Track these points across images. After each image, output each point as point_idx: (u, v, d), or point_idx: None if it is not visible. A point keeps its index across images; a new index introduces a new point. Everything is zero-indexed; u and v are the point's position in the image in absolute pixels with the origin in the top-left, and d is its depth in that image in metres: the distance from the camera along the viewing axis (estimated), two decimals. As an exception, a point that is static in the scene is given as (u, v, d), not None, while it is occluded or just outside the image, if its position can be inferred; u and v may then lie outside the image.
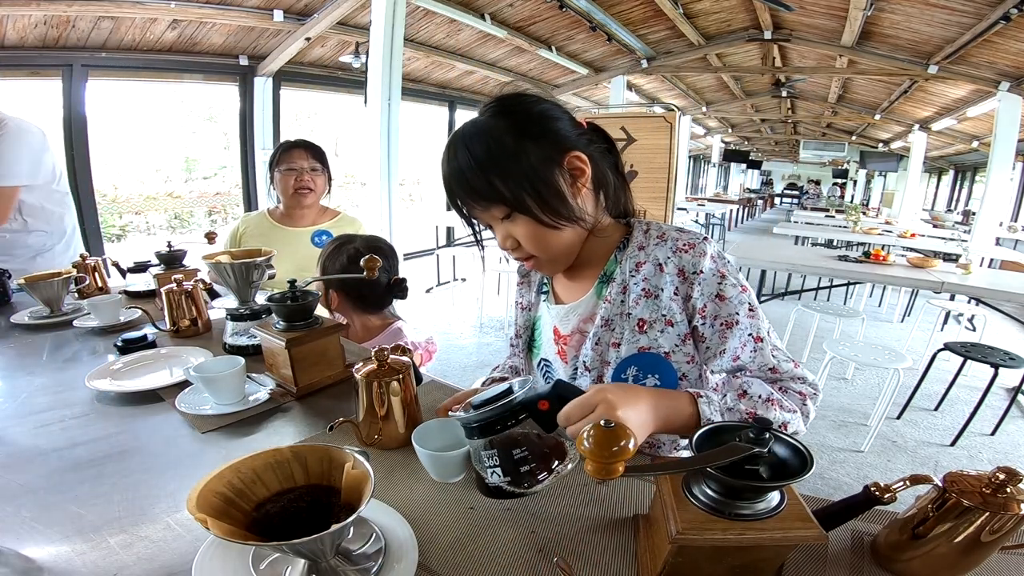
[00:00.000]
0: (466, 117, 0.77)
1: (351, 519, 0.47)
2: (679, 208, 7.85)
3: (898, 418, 2.89)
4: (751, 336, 0.73)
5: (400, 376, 0.81)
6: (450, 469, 0.71)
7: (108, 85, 4.21)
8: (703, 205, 9.58)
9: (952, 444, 2.65)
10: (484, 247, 0.86)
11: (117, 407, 0.95)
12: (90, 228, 4.00)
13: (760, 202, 16.99)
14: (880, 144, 12.91)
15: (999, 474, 0.53)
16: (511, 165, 0.71)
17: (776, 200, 20.32)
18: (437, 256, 5.55)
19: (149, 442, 0.84)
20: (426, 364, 1.40)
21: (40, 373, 1.10)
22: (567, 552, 0.59)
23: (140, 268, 1.86)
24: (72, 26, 3.57)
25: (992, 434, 2.75)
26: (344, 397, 1.01)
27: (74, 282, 1.56)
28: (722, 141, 15.72)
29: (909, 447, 2.63)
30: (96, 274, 1.65)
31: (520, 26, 5.49)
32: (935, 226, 8.04)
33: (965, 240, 5.77)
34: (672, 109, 3.19)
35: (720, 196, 12.95)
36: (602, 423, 0.44)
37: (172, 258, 1.66)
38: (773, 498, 0.49)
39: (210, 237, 1.79)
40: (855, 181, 17.43)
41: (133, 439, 0.84)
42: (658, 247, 0.79)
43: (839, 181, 18.16)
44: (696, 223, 8.78)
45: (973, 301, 4.19)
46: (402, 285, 1.32)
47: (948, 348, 2.72)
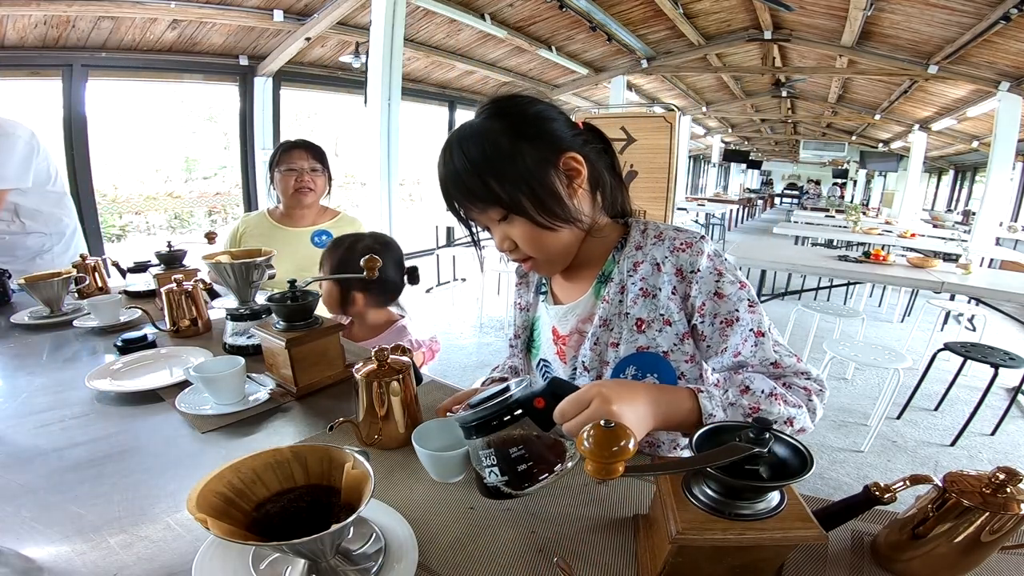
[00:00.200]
0: (466, 117, 0.77)
1: (351, 519, 0.47)
2: (679, 208, 7.85)
3: (898, 418, 2.89)
4: (752, 331, 0.73)
5: (400, 376, 0.81)
6: (450, 469, 0.71)
7: (108, 85, 4.21)
8: (703, 205, 9.58)
9: (952, 444, 2.65)
10: (483, 248, 0.86)
11: (117, 407, 0.95)
12: (90, 228, 4.00)
13: (760, 202, 16.98)
14: (880, 144, 12.91)
15: (999, 474, 0.53)
16: (507, 167, 0.71)
17: (776, 200, 20.31)
18: (437, 256, 5.54)
19: (149, 442, 0.84)
20: (428, 363, 1.40)
21: (40, 373, 1.10)
22: (567, 552, 0.59)
23: (140, 268, 1.86)
24: (72, 26, 3.58)
25: (992, 434, 2.75)
26: (344, 397, 1.01)
27: (74, 282, 1.56)
28: (722, 141, 15.72)
29: (909, 447, 2.63)
30: (96, 274, 1.66)
31: (520, 26, 5.49)
32: (935, 226, 8.04)
33: (965, 240, 5.77)
34: (672, 109, 3.19)
35: (720, 196, 12.94)
36: (602, 423, 0.44)
37: (172, 258, 1.66)
38: (773, 498, 0.49)
39: (210, 237, 1.79)
40: (855, 181, 17.43)
41: (133, 439, 0.85)
42: (655, 247, 0.79)
43: (839, 181, 18.16)
44: (696, 223, 8.78)
45: (973, 301, 4.19)
46: (414, 272, 1.40)
47: (948, 348, 2.72)
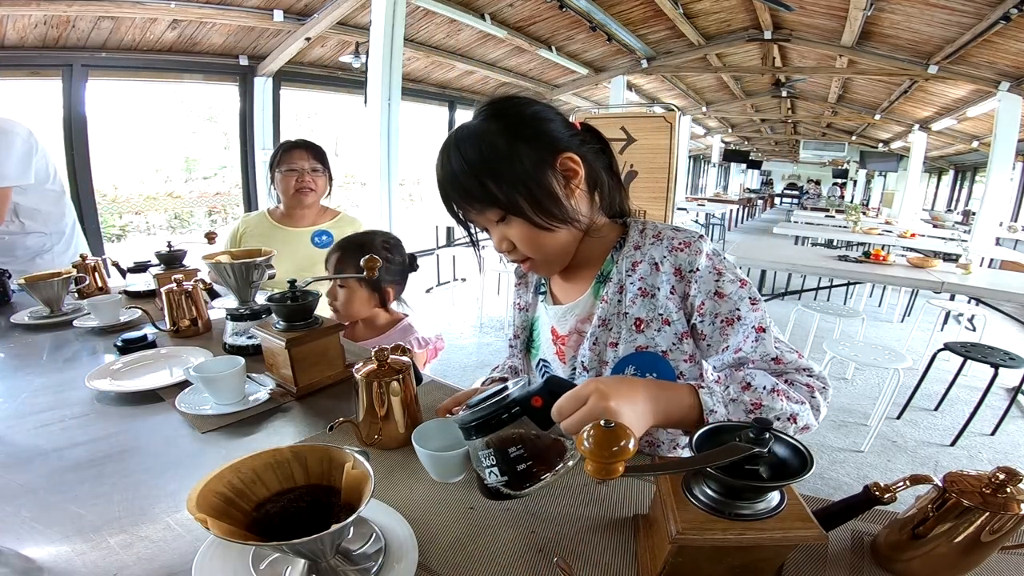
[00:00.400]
0: (466, 117, 0.77)
1: (351, 519, 0.47)
2: (679, 208, 7.85)
3: (898, 418, 2.89)
4: (753, 328, 0.73)
5: (400, 376, 0.81)
6: (450, 469, 0.71)
7: (108, 85, 4.21)
8: (703, 205, 9.58)
9: (952, 444, 2.65)
10: (482, 248, 0.86)
11: (117, 407, 0.95)
12: (90, 228, 4.00)
13: (760, 202, 16.98)
14: (880, 144, 12.91)
15: (999, 474, 0.53)
16: (504, 168, 0.71)
17: (776, 200, 20.31)
18: (437, 256, 5.54)
19: (149, 442, 0.84)
20: (431, 361, 1.41)
21: (40, 373, 1.10)
22: (567, 552, 0.59)
23: (140, 268, 1.86)
24: (72, 26, 3.58)
25: (992, 434, 2.75)
26: (344, 397, 1.01)
27: (74, 282, 1.56)
28: (722, 141, 15.72)
29: (909, 447, 2.62)
30: (96, 274, 1.65)
31: (520, 26, 5.49)
32: (935, 226, 8.04)
33: (965, 240, 5.77)
34: (672, 109, 3.19)
35: (720, 196, 12.94)
36: (602, 423, 0.44)
37: (172, 258, 1.66)
38: (773, 498, 0.49)
39: (210, 237, 1.79)
40: (855, 181, 17.44)
41: (133, 439, 0.84)
42: (654, 246, 0.79)
43: (839, 181, 18.16)
44: (696, 223, 8.78)
45: (973, 301, 4.19)
46: (414, 258, 1.50)
47: (948, 348, 2.72)
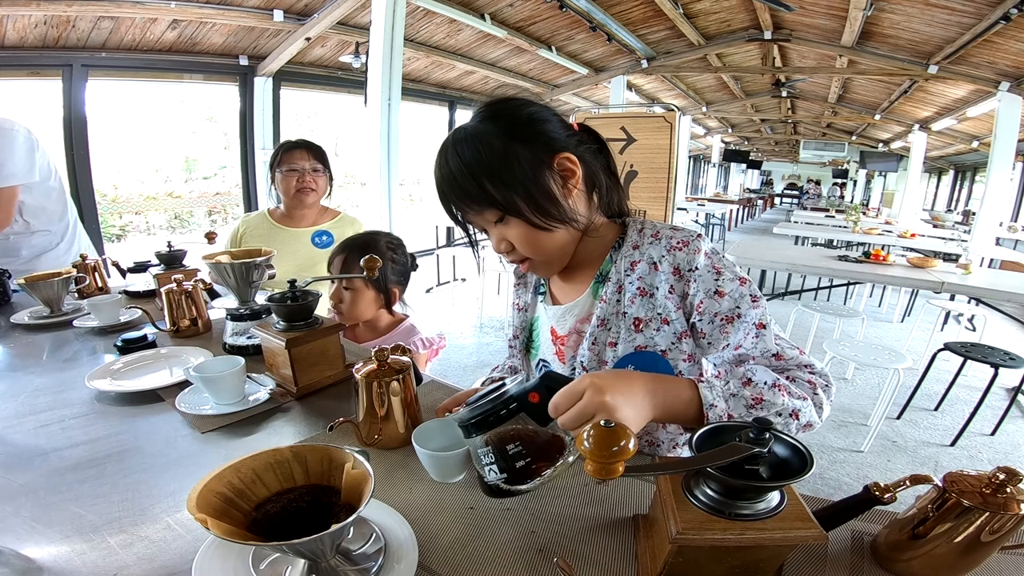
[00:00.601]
0: (466, 117, 0.78)
1: (351, 519, 0.47)
2: (679, 208, 7.85)
3: (898, 418, 2.89)
4: (754, 325, 0.73)
5: (400, 376, 0.81)
6: (450, 469, 0.71)
7: (108, 85, 4.21)
8: (703, 205, 9.58)
9: (952, 444, 2.65)
10: (482, 248, 0.86)
11: (117, 407, 0.95)
12: (90, 228, 3.97)
13: (760, 202, 16.98)
14: (880, 144, 12.91)
15: (999, 474, 0.53)
16: (501, 168, 0.72)
17: (776, 200, 20.31)
18: (437, 256, 5.54)
19: (149, 442, 0.84)
20: (432, 359, 1.41)
21: (40, 373, 1.10)
22: (567, 552, 0.59)
23: (140, 268, 1.86)
24: (72, 26, 3.58)
25: (992, 434, 2.75)
26: (344, 397, 1.01)
27: (74, 282, 1.56)
28: (722, 141, 15.71)
29: (909, 447, 2.62)
30: (96, 274, 1.65)
31: (520, 26, 5.49)
32: (935, 226, 8.05)
33: (965, 240, 5.77)
34: (672, 109, 3.19)
35: (720, 196, 12.93)
36: (602, 423, 0.44)
37: (172, 258, 1.66)
38: (773, 498, 0.49)
39: (210, 237, 1.79)
40: (855, 181, 17.44)
41: (133, 439, 0.84)
42: (652, 246, 0.79)
43: (839, 181, 18.16)
44: (696, 223, 8.79)
45: (973, 301, 4.19)
46: (414, 259, 1.54)
47: (948, 348, 2.72)
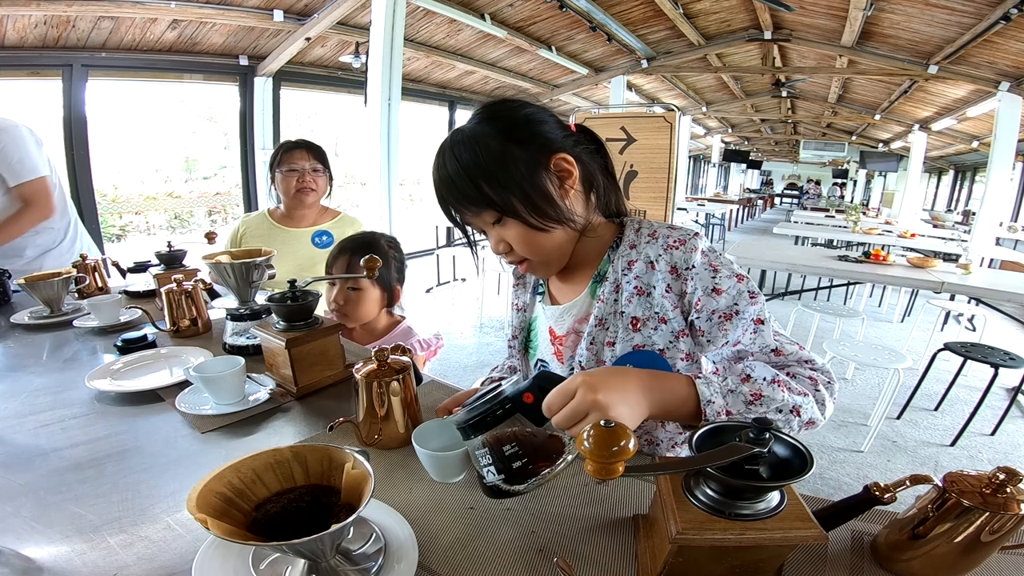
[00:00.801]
0: (466, 117, 0.78)
1: (351, 519, 0.47)
2: (679, 208, 7.85)
3: (898, 418, 2.89)
4: (752, 320, 0.73)
5: (400, 376, 0.81)
6: (450, 469, 0.71)
7: (108, 85, 4.21)
8: (703, 205, 9.59)
9: (952, 444, 2.65)
10: (481, 248, 0.87)
11: (117, 407, 0.95)
12: (90, 228, 3.96)
13: (760, 202, 16.98)
14: (880, 144, 12.91)
15: (999, 474, 0.53)
16: (498, 169, 0.72)
17: (776, 200, 20.32)
18: (437, 256, 5.54)
19: (149, 442, 0.84)
20: (431, 359, 1.41)
21: (40, 373, 1.10)
22: (567, 552, 0.59)
23: (140, 268, 1.86)
24: (72, 26, 3.57)
25: (992, 434, 2.75)
26: (344, 397, 1.01)
27: (74, 282, 1.56)
28: (722, 141, 15.71)
29: (909, 447, 2.62)
30: (96, 274, 1.65)
31: (520, 26, 5.48)
32: (935, 226, 8.04)
33: (965, 240, 5.77)
34: (672, 109, 3.19)
35: (720, 196, 12.94)
36: (601, 423, 0.44)
37: (172, 258, 1.66)
38: (773, 498, 0.49)
39: (210, 237, 1.79)
40: (855, 181, 17.44)
41: (133, 439, 0.84)
42: (649, 245, 0.79)
43: (839, 181, 18.16)
44: (696, 223, 8.79)
45: (973, 301, 4.19)
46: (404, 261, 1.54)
47: (948, 348, 2.72)
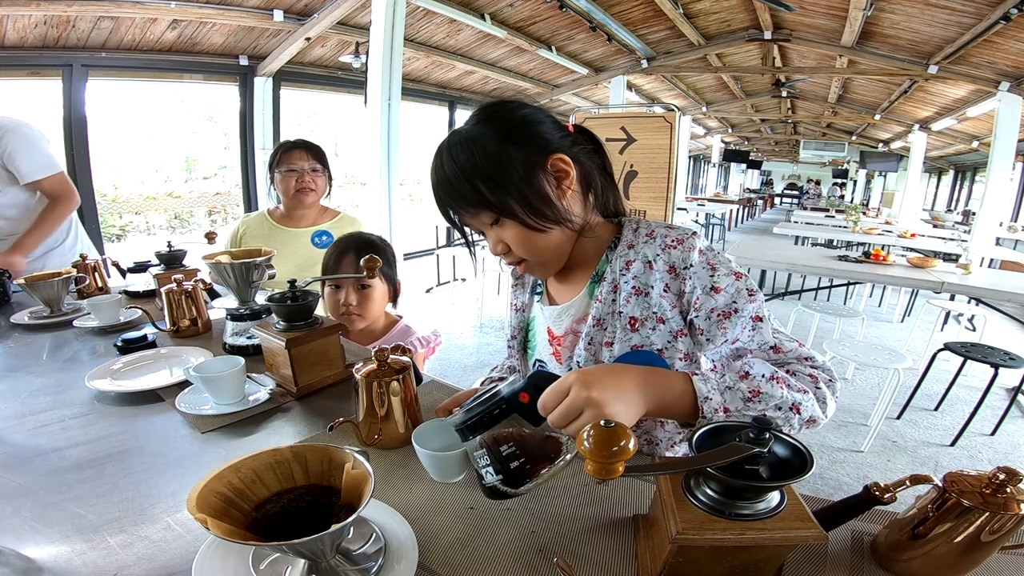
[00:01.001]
0: (466, 117, 0.78)
1: (351, 519, 0.47)
2: (679, 208, 7.85)
3: (898, 418, 2.89)
4: (750, 318, 0.73)
5: (400, 376, 0.81)
6: (450, 469, 0.71)
7: (108, 85, 4.21)
8: (703, 205, 9.59)
9: (952, 444, 2.65)
10: (482, 248, 0.87)
11: (117, 407, 0.95)
12: (90, 228, 3.98)
13: (760, 202, 16.99)
14: (880, 144, 12.91)
15: (999, 474, 0.53)
16: (495, 170, 0.72)
17: (776, 200, 20.32)
18: (437, 256, 5.55)
19: (149, 442, 0.84)
20: (429, 357, 1.42)
21: (40, 373, 1.10)
22: (567, 552, 0.59)
23: (140, 268, 1.86)
24: (72, 26, 3.57)
25: (992, 434, 2.75)
26: (344, 397, 1.01)
27: (74, 282, 1.56)
28: (722, 141, 15.71)
29: (909, 447, 2.62)
30: (96, 274, 1.65)
31: (520, 26, 5.48)
32: (935, 226, 8.05)
33: (965, 240, 5.77)
34: (672, 109, 3.19)
35: (720, 196, 12.94)
36: (601, 423, 0.44)
37: (172, 258, 1.66)
38: (773, 498, 0.49)
39: (210, 237, 1.79)
40: (855, 181, 17.43)
41: (133, 439, 0.84)
42: (647, 245, 0.79)
43: (839, 181, 18.16)
44: (696, 223, 8.79)
45: (973, 301, 4.19)
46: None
47: (948, 348, 2.72)
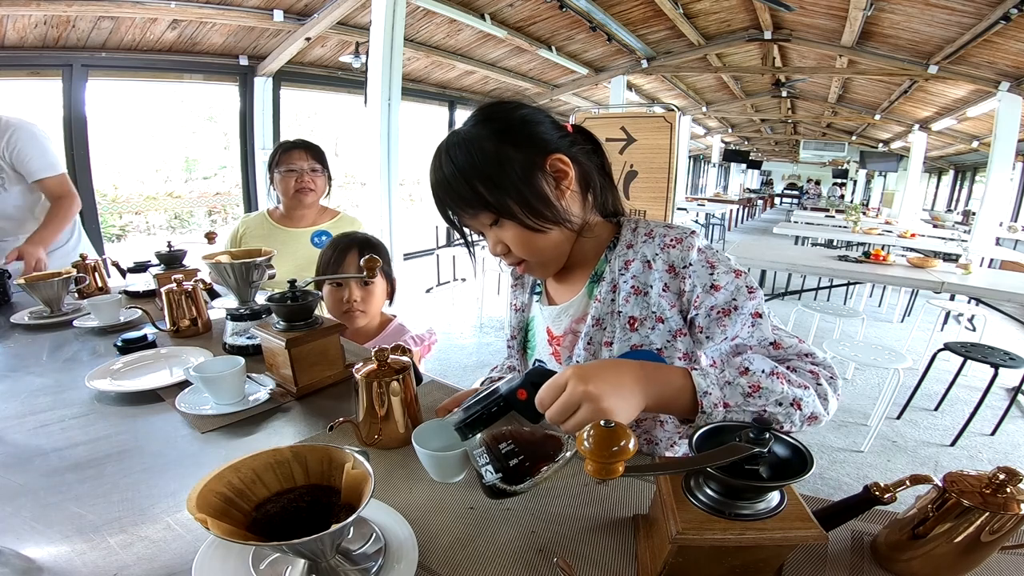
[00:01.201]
0: (466, 117, 0.78)
1: (351, 519, 0.47)
2: (679, 208, 7.85)
3: (898, 418, 2.89)
4: (750, 314, 0.73)
5: (400, 376, 0.81)
6: (450, 469, 0.71)
7: (108, 85, 4.21)
8: (703, 205, 9.59)
9: (952, 444, 2.65)
10: (481, 248, 0.87)
11: (117, 407, 0.95)
12: (90, 228, 3.99)
13: (760, 202, 16.99)
14: (880, 144, 12.91)
15: (999, 474, 0.53)
16: (493, 171, 0.72)
17: (776, 200, 20.32)
18: (437, 256, 5.55)
19: (149, 442, 0.84)
20: (426, 356, 1.41)
21: (40, 373, 1.10)
22: (567, 552, 0.59)
23: (140, 268, 1.86)
24: (72, 26, 3.57)
25: (992, 434, 2.75)
26: (344, 397, 1.01)
27: (74, 282, 1.56)
28: (722, 141, 15.71)
29: (909, 447, 2.62)
30: (96, 274, 1.65)
31: (520, 26, 5.48)
32: (935, 226, 8.04)
33: (965, 240, 5.77)
34: (672, 109, 3.19)
35: (720, 196, 12.94)
36: (601, 423, 0.44)
37: (172, 258, 1.66)
38: (773, 498, 0.49)
39: (210, 237, 1.79)
40: (855, 181, 17.43)
41: (133, 439, 0.84)
42: (646, 244, 0.79)
43: (839, 181, 18.16)
44: (696, 223, 8.79)
45: (973, 301, 4.19)
46: None
47: (948, 348, 2.72)
